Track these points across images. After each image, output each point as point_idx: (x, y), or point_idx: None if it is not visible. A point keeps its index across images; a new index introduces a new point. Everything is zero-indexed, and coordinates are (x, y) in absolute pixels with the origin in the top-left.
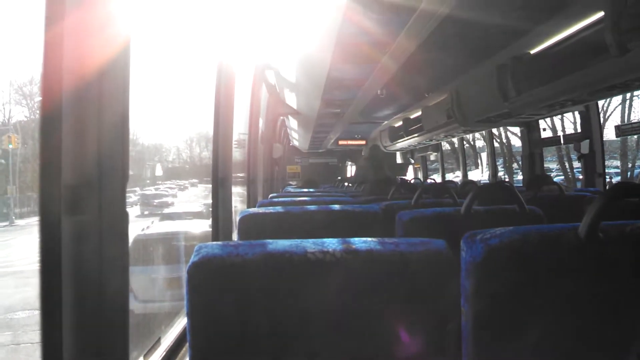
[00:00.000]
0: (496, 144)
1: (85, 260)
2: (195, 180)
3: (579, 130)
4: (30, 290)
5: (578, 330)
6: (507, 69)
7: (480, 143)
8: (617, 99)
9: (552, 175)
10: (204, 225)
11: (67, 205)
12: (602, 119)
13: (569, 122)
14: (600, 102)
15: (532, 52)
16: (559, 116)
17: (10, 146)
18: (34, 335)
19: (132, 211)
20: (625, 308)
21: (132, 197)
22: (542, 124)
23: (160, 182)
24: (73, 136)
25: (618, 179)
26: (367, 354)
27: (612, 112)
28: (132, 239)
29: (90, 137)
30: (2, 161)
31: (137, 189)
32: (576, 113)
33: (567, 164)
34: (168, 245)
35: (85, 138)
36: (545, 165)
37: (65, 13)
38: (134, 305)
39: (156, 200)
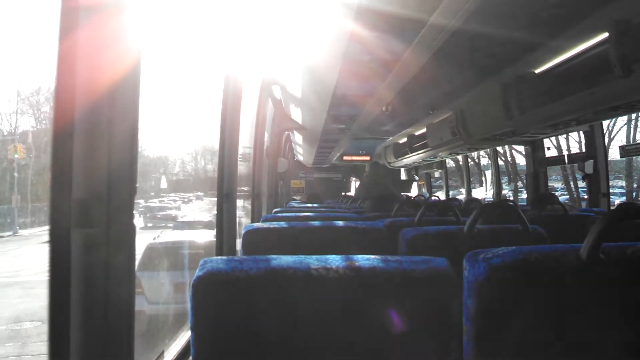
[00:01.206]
0: (501, 162)
1: (94, 272)
2: (200, 193)
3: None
4: (32, 300)
5: (579, 350)
6: (512, 87)
7: (485, 161)
8: (622, 119)
9: (556, 194)
10: (208, 235)
11: (76, 218)
12: (607, 139)
13: (575, 142)
14: (606, 122)
15: (537, 71)
16: (565, 135)
17: (16, 156)
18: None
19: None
20: (626, 329)
21: (136, 209)
22: (547, 143)
23: (164, 195)
24: (84, 151)
25: (623, 199)
26: None
27: (617, 132)
28: (145, 247)
29: (100, 152)
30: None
31: (142, 201)
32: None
33: (572, 184)
34: (175, 252)
35: (96, 152)
36: (549, 184)
37: (78, 30)
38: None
39: (160, 213)
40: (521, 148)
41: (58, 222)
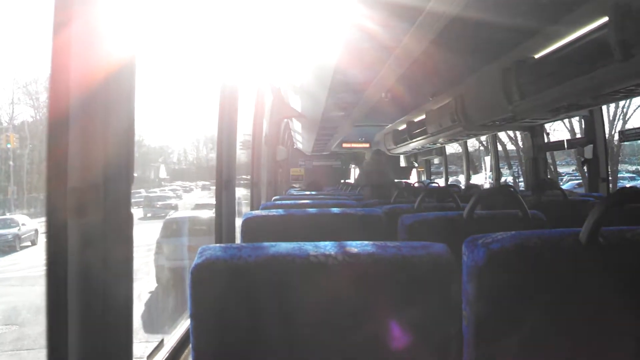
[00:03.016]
0: (512, 147)
1: (91, 262)
2: (205, 182)
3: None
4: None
5: (579, 334)
6: (512, 72)
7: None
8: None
9: (565, 179)
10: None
11: (73, 208)
12: (621, 122)
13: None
14: (622, 103)
15: (537, 56)
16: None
17: (9, 145)
18: None
19: (134, 213)
20: (626, 313)
21: (134, 198)
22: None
23: (167, 184)
24: (80, 140)
25: (634, 183)
26: (370, 356)
27: (632, 113)
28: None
29: (96, 141)
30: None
31: (142, 190)
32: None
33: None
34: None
35: (92, 142)
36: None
37: (73, 18)
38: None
39: (159, 203)
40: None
41: (54, 213)
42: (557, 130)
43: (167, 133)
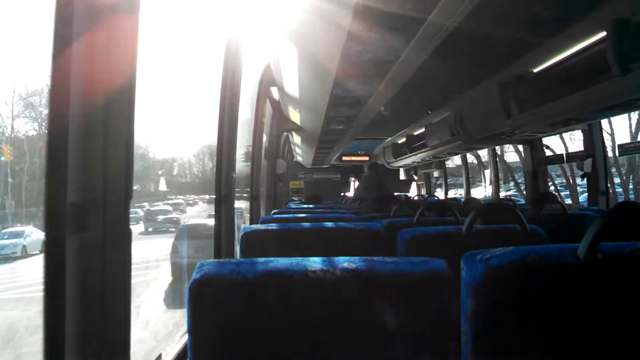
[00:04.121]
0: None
1: (89, 276)
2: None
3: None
4: None
5: (577, 350)
6: (510, 87)
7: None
8: None
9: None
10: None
11: (72, 223)
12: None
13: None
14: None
15: (535, 70)
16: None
17: (2, 158)
18: None
19: (135, 228)
20: (625, 329)
21: (136, 213)
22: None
23: (172, 197)
24: (79, 154)
25: None
26: None
27: None
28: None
29: (96, 157)
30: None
31: (146, 204)
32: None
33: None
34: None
35: (91, 156)
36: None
37: (73, 31)
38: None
39: (160, 217)
40: None
41: (53, 227)
42: (555, 144)
43: (172, 145)
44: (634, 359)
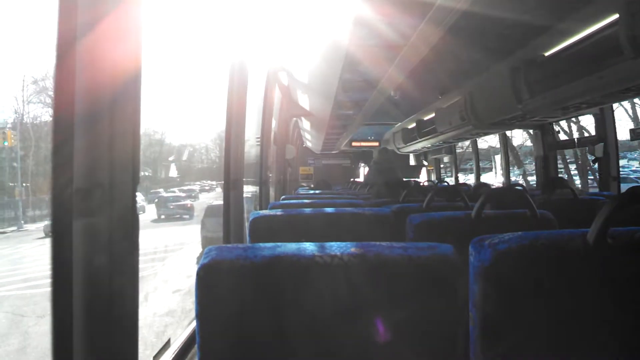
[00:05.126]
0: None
1: (96, 263)
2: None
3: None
4: None
5: (586, 335)
6: (521, 71)
7: (516, 141)
8: None
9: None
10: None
11: (78, 209)
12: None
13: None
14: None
15: (546, 54)
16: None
17: (6, 143)
18: None
19: (147, 216)
20: (633, 314)
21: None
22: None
23: (191, 183)
24: (85, 140)
25: None
26: (376, 356)
27: None
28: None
29: (102, 141)
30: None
31: (161, 190)
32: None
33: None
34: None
35: (97, 142)
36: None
37: (79, 17)
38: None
39: (172, 204)
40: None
41: (60, 213)
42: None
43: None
44: None
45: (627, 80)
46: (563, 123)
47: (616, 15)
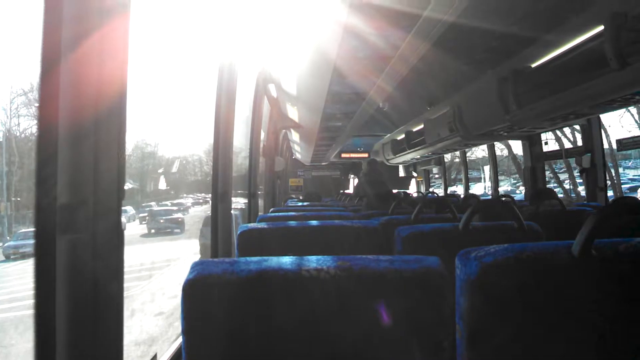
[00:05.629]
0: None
1: (80, 279)
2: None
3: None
4: None
5: (572, 348)
6: (508, 82)
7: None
8: None
9: None
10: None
11: (62, 224)
12: None
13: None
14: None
15: (533, 65)
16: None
17: None
18: None
19: (137, 230)
20: (619, 326)
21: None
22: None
23: (184, 196)
24: (69, 154)
25: None
26: None
27: None
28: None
29: (87, 157)
30: None
31: (153, 203)
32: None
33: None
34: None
35: (82, 156)
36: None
37: (62, 31)
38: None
39: (163, 218)
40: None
41: (43, 228)
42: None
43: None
44: (627, 354)
45: (612, 92)
46: (555, 133)
47: (601, 27)
